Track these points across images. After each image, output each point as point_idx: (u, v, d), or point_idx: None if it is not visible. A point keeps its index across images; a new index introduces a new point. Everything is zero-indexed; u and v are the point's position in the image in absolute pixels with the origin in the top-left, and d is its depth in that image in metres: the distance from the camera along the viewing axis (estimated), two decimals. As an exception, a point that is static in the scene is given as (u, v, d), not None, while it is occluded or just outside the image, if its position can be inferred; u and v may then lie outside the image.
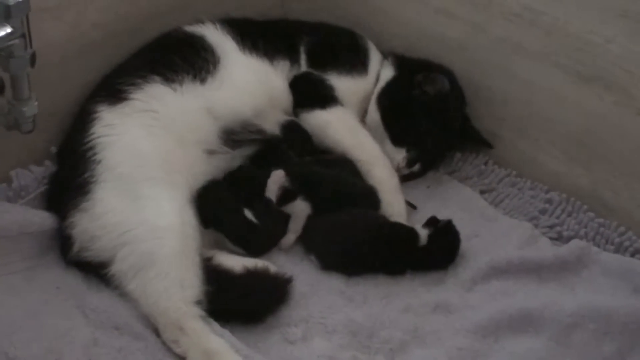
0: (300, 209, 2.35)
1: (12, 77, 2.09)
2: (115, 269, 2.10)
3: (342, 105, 2.60)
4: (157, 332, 2.03)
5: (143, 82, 2.35)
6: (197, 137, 2.34)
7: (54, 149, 2.39)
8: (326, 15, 2.87)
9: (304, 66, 2.65)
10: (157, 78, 2.36)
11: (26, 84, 2.10)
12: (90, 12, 2.40)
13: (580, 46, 2.32)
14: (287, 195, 2.35)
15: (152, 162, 2.22)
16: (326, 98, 2.60)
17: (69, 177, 2.23)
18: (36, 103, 2.14)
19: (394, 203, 2.45)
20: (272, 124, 2.52)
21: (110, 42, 2.46)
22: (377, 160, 2.52)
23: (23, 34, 2.00)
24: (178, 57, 2.42)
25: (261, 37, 2.60)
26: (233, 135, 2.42)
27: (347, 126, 2.57)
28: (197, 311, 2.04)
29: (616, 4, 2.22)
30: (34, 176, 2.34)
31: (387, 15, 2.79)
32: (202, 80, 2.41)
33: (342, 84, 2.63)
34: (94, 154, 2.21)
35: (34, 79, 2.12)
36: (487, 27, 2.53)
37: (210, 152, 2.38)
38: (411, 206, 2.49)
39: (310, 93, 2.61)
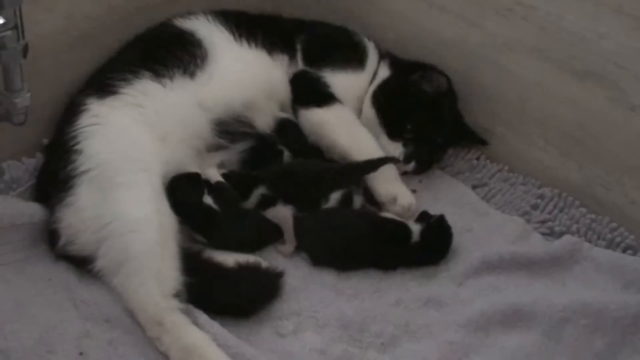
0: (283, 214, 2.33)
1: (4, 68, 2.08)
2: (100, 264, 2.09)
3: (339, 102, 2.59)
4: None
5: (133, 77, 2.34)
6: (186, 131, 2.33)
7: (45, 141, 2.39)
8: (319, 8, 2.87)
9: (300, 64, 2.65)
10: (147, 73, 2.35)
11: (18, 76, 2.10)
12: (82, 4, 2.40)
13: (574, 42, 2.32)
14: (267, 201, 2.34)
15: (132, 151, 2.21)
16: (323, 96, 2.58)
17: (54, 169, 2.22)
18: (28, 95, 2.13)
19: (396, 192, 2.42)
20: (265, 118, 2.51)
21: (102, 34, 2.46)
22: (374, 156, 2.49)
23: (15, 26, 2.00)
24: (168, 52, 2.42)
25: (259, 29, 2.59)
26: (227, 127, 2.42)
27: (344, 124, 2.55)
28: (176, 304, 2.01)
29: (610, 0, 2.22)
30: (26, 168, 2.34)
31: (380, 9, 2.79)
32: (192, 75, 2.40)
33: (337, 80, 2.62)
34: (77, 144, 2.20)
35: (26, 70, 2.11)
36: (480, 23, 2.53)
37: (205, 146, 2.38)
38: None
39: (307, 91, 2.60)
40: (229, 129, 2.42)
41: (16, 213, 2.17)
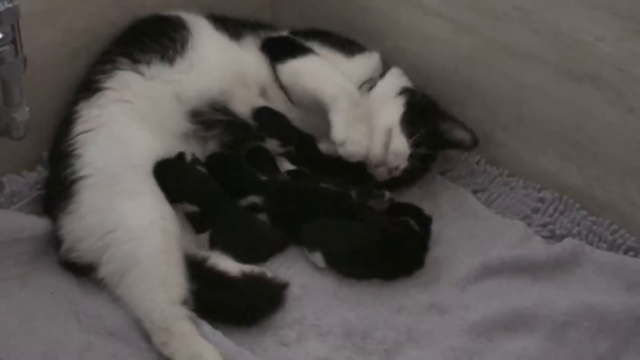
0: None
1: (3, 83, 2.09)
2: (103, 272, 2.09)
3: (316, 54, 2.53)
4: (149, 338, 2.02)
5: (112, 67, 2.34)
6: (167, 125, 2.33)
7: (45, 154, 2.39)
8: (316, 16, 2.87)
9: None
10: (124, 60, 2.36)
11: (17, 90, 2.10)
12: (80, 17, 2.40)
13: (570, 45, 2.32)
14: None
15: (130, 155, 2.20)
16: (300, 49, 2.53)
17: (55, 179, 2.23)
18: (27, 109, 2.14)
19: (348, 129, 2.33)
20: (242, 105, 2.47)
21: (100, 47, 2.46)
22: (341, 94, 2.38)
23: (14, 40, 2.00)
24: (146, 37, 2.42)
25: (230, 21, 2.59)
26: (200, 117, 2.40)
27: (316, 69, 2.46)
28: (185, 312, 2.01)
29: (606, 2, 2.21)
30: (26, 182, 2.34)
31: (377, 16, 2.78)
32: (171, 61, 2.40)
33: (323, 53, 2.56)
34: (75, 150, 2.20)
35: (25, 84, 2.12)
36: (476, 27, 2.53)
37: (183, 136, 2.38)
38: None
39: (283, 47, 2.55)
40: (203, 118, 2.41)
41: (17, 227, 2.17)
